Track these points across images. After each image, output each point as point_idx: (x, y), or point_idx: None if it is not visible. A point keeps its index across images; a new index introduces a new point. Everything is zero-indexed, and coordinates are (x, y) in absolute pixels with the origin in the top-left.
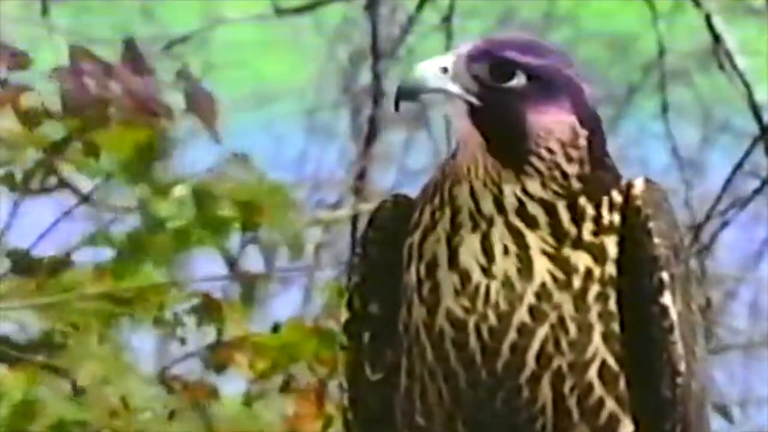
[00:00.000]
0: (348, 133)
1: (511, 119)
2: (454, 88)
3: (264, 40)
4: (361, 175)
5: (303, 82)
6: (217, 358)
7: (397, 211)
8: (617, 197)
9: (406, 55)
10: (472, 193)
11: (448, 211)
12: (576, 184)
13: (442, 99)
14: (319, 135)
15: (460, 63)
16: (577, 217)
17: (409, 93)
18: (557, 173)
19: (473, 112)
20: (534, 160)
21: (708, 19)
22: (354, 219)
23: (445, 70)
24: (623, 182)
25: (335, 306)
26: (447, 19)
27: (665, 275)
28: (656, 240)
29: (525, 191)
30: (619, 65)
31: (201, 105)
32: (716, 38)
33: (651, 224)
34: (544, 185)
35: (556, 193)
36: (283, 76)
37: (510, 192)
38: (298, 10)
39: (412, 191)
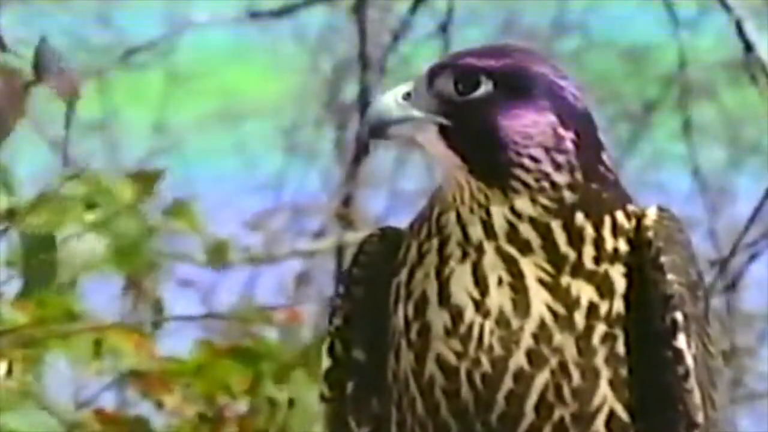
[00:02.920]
0: (332, 154)
1: (484, 131)
2: (419, 113)
3: (237, 48)
4: (347, 201)
5: (281, 95)
6: (136, 387)
7: (384, 246)
8: (623, 220)
9: (399, 66)
10: (459, 220)
11: (435, 242)
12: (569, 196)
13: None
14: (298, 155)
15: (421, 85)
16: (574, 239)
17: (374, 130)
18: (546, 183)
19: (445, 134)
20: (519, 172)
21: (738, 25)
22: (339, 250)
23: (407, 95)
24: (635, 209)
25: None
26: (444, 28)
27: (679, 315)
28: (669, 276)
29: (514, 211)
30: (635, 78)
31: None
32: (748, 47)
33: (663, 258)
34: (533, 200)
35: (546, 208)
36: (257, 89)
37: (499, 214)
38: (276, 14)
39: (406, 218)
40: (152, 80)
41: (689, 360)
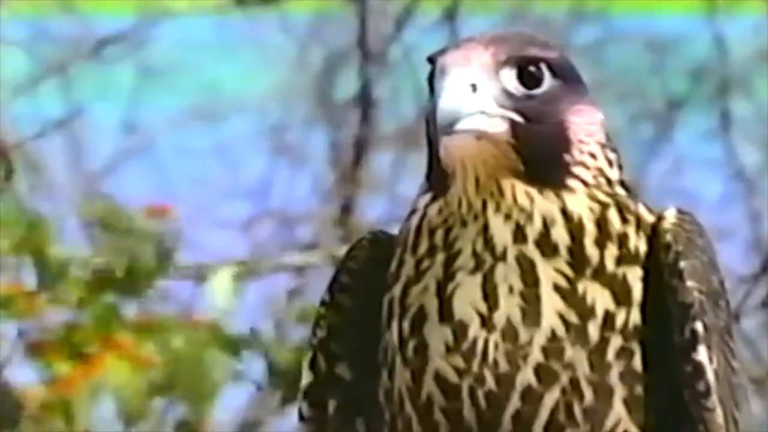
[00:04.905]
0: (324, 156)
1: (555, 128)
2: (494, 108)
3: (218, 39)
4: (346, 207)
5: (266, 91)
6: None
7: (375, 252)
8: (646, 215)
9: (402, 58)
10: (486, 231)
11: (440, 257)
12: (621, 192)
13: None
14: (287, 157)
15: (489, 74)
16: (603, 236)
17: (450, 125)
18: (602, 180)
19: (515, 131)
20: (579, 170)
21: None
22: (334, 263)
23: (474, 87)
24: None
25: None
26: (450, 15)
27: (699, 326)
28: (689, 283)
29: (564, 211)
30: (660, 73)
31: None
32: None
33: (682, 264)
34: (591, 197)
35: (603, 204)
36: (241, 84)
37: (540, 216)
38: (262, 1)
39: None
40: (123, 74)
41: (710, 375)
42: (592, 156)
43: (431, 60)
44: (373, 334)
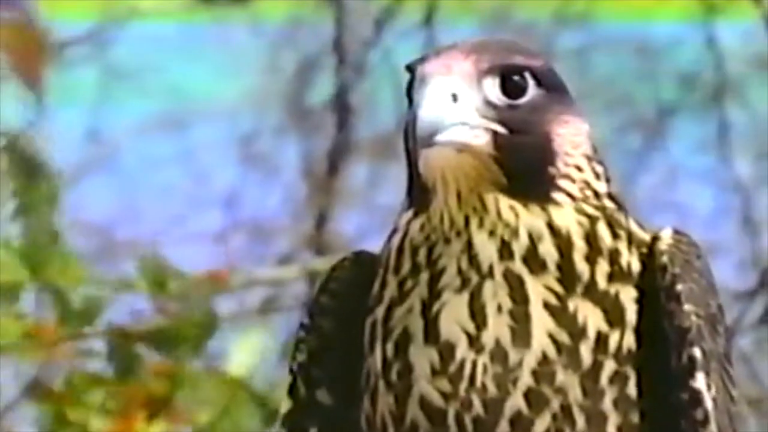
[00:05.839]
0: (296, 165)
1: (539, 140)
2: (476, 119)
3: (185, 42)
4: (321, 219)
5: (236, 97)
6: None
7: (357, 273)
8: (638, 231)
9: (380, 62)
10: (470, 248)
11: (425, 276)
12: (609, 205)
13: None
14: (257, 167)
15: (470, 84)
16: (593, 252)
17: (430, 136)
18: (589, 192)
19: (497, 143)
20: (564, 183)
21: None
22: (309, 277)
23: (455, 97)
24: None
25: None
26: (429, 19)
27: (697, 352)
28: (686, 307)
29: (551, 225)
30: (650, 79)
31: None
32: None
33: (679, 287)
34: (578, 210)
35: (591, 218)
36: (209, 89)
37: (526, 231)
38: (231, 0)
39: (382, 238)
40: (86, 79)
41: (708, 403)
42: (578, 169)
43: (410, 68)
44: (354, 358)
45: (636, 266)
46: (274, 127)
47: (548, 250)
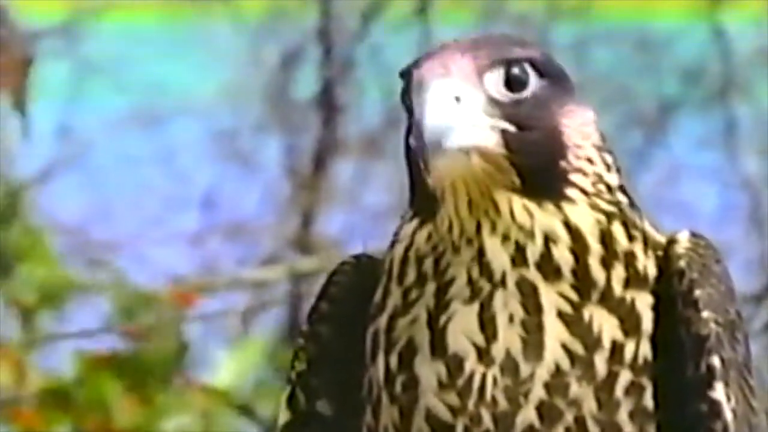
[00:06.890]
0: (278, 163)
1: (547, 134)
2: (483, 119)
3: (163, 35)
4: (306, 219)
5: (216, 92)
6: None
7: (358, 277)
8: (653, 233)
9: (368, 57)
10: (481, 255)
11: (431, 287)
12: (623, 198)
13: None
14: (236, 165)
15: (472, 83)
16: (609, 255)
17: (439, 143)
18: (602, 186)
19: (506, 142)
20: (576, 177)
21: None
22: (293, 279)
23: (458, 99)
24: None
25: None
26: (422, 13)
27: (716, 361)
28: (704, 314)
29: (567, 224)
30: (651, 74)
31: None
32: None
33: (698, 293)
34: (593, 206)
35: (607, 214)
36: (187, 84)
37: (545, 231)
38: None
39: (369, 239)
40: (56, 73)
41: (728, 414)
42: (590, 161)
43: (404, 74)
44: (355, 366)
45: (652, 271)
46: (254, 124)
47: (563, 254)
